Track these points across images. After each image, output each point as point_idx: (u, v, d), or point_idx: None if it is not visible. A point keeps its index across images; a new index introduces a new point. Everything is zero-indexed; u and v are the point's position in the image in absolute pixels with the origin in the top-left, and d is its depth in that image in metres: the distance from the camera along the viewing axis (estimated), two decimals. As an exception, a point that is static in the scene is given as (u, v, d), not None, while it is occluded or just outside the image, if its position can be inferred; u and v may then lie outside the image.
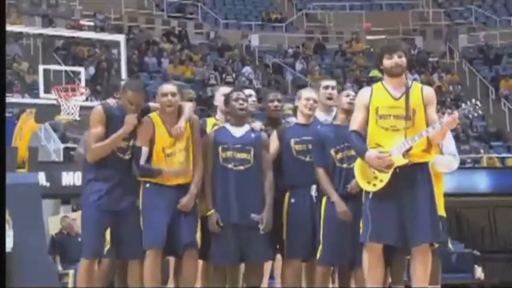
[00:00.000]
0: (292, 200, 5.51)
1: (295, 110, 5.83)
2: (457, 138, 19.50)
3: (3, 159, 5.21)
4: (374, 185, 4.88)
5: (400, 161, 4.82)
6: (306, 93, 5.72)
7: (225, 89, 5.90)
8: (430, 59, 24.26)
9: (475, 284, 14.80)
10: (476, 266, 14.89)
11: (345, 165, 5.35)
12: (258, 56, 23.21)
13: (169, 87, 5.32)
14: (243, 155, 5.42)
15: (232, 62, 22.02)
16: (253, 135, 5.52)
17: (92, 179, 5.26)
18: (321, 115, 5.82)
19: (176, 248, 5.21)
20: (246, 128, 5.55)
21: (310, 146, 5.53)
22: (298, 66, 22.50)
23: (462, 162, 18.52)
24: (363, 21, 25.77)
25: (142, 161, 5.22)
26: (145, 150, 5.23)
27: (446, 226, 5.73)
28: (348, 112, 5.41)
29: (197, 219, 5.29)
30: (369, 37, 25.03)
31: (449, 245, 5.91)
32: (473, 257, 15.10)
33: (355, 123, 5.02)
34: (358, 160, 4.99)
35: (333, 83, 5.95)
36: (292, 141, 5.57)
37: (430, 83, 22.33)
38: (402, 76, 4.99)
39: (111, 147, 5.18)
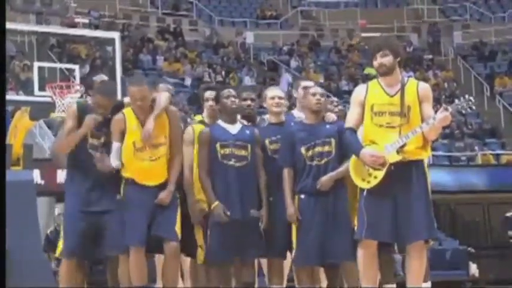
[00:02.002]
0: (270, 199, 5.52)
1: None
2: (451, 135, 19.57)
3: (3, 158, 5.22)
4: (368, 182, 4.88)
5: (394, 157, 4.82)
6: (270, 92, 5.74)
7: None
8: (425, 56, 24.27)
9: (469, 280, 14.83)
10: (470, 262, 14.92)
11: (315, 163, 5.37)
12: (253, 54, 23.19)
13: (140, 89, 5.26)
14: (241, 152, 5.45)
15: (227, 59, 22.02)
16: (247, 131, 5.55)
17: (70, 180, 5.36)
18: (296, 112, 5.86)
19: (158, 244, 5.25)
20: (239, 125, 5.57)
21: None
22: (293, 63, 22.49)
23: (457, 159, 18.57)
24: (358, 18, 25.77)
25: (113, 156, 5.23)
26: (116, 145, 5.24)
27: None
28: (317, 112, 5.43)
29: (176, 214, 5.29)
30: (364, 34, 25.03)
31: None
32: (467, 253, 15.13)
33: (351, 121, 5.02)
34: (353, 158, 4.99)
35: (311, 83, 5.94)
36: (267, 141, 5.60)
37: (425, 80, 22.39)
38: (395, 73, 4.98)
39: (70, 143, 5.25)
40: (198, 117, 5.91)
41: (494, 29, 24.69)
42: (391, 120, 4.88)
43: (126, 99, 5.46)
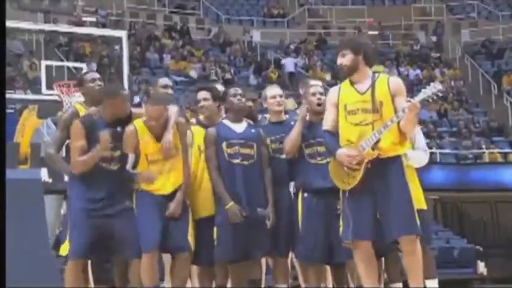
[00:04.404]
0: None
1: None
2: (459, 133, 19.54)
3: (3, 158, 5.21)
4: (348, 183, 4.84)
5: (369, 154, 4.77)
6: (270, 91, 5.74)
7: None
8: (432, 54, 24.22)
9: (477, 279, 14.82)
10: (478, 261, 14.91)
11: (316, 161, 5.39)
12: (260, 52, 23.19)
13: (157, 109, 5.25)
14: (247, 150, 5.45)
15: (234, 58, 22.02)
16: (253, 130, 5.56)
17: (76, 187, 5.32)
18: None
19: (170, 251, 5.29)
20: (245, 123, 5.58)
21: None
22: (300, 61, 22.47)
23: (464, 158, 18.53)
24: (365, 17, 25.73)
25: (128, 167, 5.24)
26: (131, 157, 5.25)
27: (427, 219, 5.74)
28: (318, 112, 5.42)
29: (187, 223, 5.30)
30: (371, 32, 24.99)
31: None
32: (475, 252, 15.12)
33: (326, 123, 5.01)
34: (332, 160, 4.97)
35: (316, 82, 5.91)
36: (268, 140, 5.60)
37: (432, 78, 22.34)
38: (362, 70, 4.95)
39: (91, 163, 5.19)
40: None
41: (502, 27, 24.61)
42: (364, 118, 4.84)
43: (136, 112, 5.45)
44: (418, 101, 4.70)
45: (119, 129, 5.28)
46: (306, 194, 5.39)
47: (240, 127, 5.53)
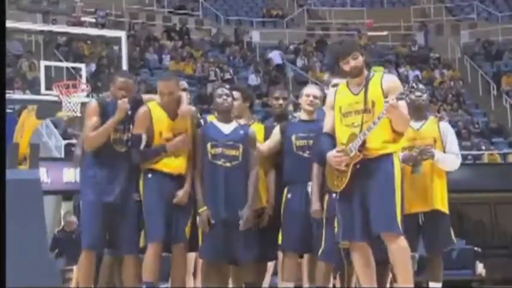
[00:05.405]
0: (289, 196, 5.53)
1: (295, 106, 5.86)
2: (458, 134, 19.52)
3: (2, 158, 5.21)
4: (338, 185, 4.84)
5: (355, 157, 4.73)
6: (307, 89, 5.77)
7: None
8: (431, 55, 24.22)
9: (476, 280, 14.80)
10: (477, 262, 14.89)
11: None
12: (259, 52, 23.19)
13: (168, 84, 5.39)
14: (232, 152, 5.45)
15: (233, 58, 22.01)
16: (241, 131, 5.55)
17: (88, 171, 5.34)
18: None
19: (168, 241, 5.30)
20: (234, 124, 5.57)
21: (311, 142, 5.53)
22: (299, 62, 22.48)
23: (463, 158, 18.50)
24: (364, 18, 25.73)
25: (141, 147, 5.25)
26: (144, 136, 5.27)
27: (447, 223, 5.70)
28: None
29: (189, 215, 5.35)
30: (370, 33, 25.00)
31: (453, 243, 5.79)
32: (474, 253, 15.10)
33: (325, 126, 5.02)
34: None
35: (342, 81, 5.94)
36: (294, 136, 5.60)
37: (431, 79, 22.35)
38: (364, 72, 4.92)
39: (106, 134, 5.26)
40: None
41: (501, 28, 24.61)
42: (356, 119, 4.81)
43: (146, 96, 5.57)
44: (396, 101, 4.61)
45: (129, 113, 5.30)
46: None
47: (228, 128, 5.54)
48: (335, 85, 5.74)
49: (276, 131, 5.71)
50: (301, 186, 5.52)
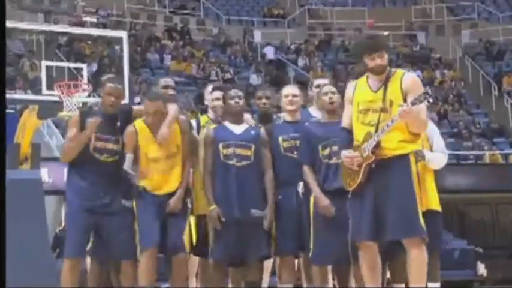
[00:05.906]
0: (280, 197, 5.51)
1: (278, 107, 5.86)
2: (459, 134, 19.51)
3: (3, 158, 5.22)
4: (350, 184, 4.81)
5: (367, 158, 4.67)
6: (285, 90, 5.72)
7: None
8: (433, 55, 24.21)
9: (477, 280, 14.80)
10: (478, 262, 14.89)
11: (332, 161, 5.30)
12: (260, 52, 23.20)
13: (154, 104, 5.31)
14: (244, 151, 5.44)
15: (234, 58, 22.02)
16: (253, 132, 5.55)
17: (71, 180, 5.35)
18: (314, 111, 5.83)
19: (165, 250, 5.29)
20: (245, 125, 5.57)
21: (298, 143, 5.52)
22: (301, 62, 22.48)
23: (465, 159, 18.52)
24: (366, 18, 25.73)
25: (125, 166, 5.25)
26: (128, 156, 5.26)
27: (441, 221, 5.71)
28: (332, 111, 5.39)
29: (185, 222, 5.33)
30: (371, 33, 24.98)
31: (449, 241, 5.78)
32: (475, 253, 15.10)
33: (344, 120, 4.94)
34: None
35: (324, 81, 5.90)
36: (280, 138, 5.58)
37: (432, 79, 22.34)
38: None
39: (77, 147, 5.23)
40: (205, 119, 5.92)
41: (502, 28, 24.60)
42: (373, 118, 4.71)
43: (136, 108, 5.50)
44: (409, 107, 4.53)
45: (118, 124, 5.28)
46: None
47: (239, 128, 5.53)
48: (318, 86, 5.73)
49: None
50: (291, 188, 5.50)
